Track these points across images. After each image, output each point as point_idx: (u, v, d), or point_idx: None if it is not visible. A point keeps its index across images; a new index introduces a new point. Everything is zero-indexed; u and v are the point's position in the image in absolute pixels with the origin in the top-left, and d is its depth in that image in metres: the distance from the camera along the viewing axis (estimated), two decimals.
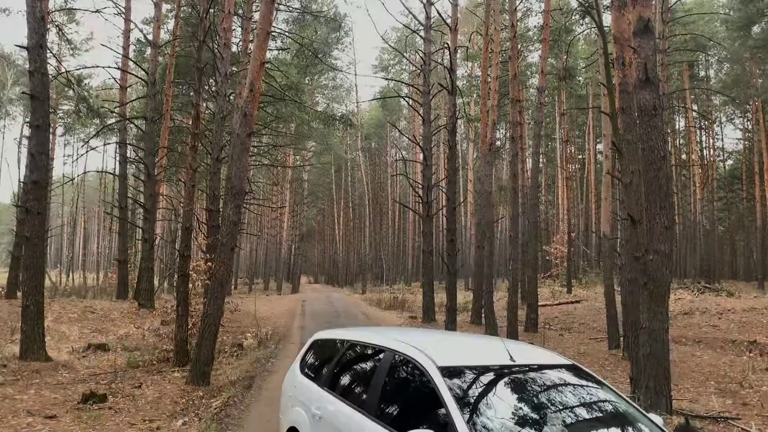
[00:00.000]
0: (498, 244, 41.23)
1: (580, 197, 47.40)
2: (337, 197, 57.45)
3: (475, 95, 38.04)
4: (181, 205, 16.17)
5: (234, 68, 22.94)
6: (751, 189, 40.53)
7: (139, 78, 24.50)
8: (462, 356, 4.47)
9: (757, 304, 22.81)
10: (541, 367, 4.48)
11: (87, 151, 30.49)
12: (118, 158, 26.10)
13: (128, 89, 26.35)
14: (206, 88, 23.85)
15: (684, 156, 44.26)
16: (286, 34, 23.09)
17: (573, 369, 4.55)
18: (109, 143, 30.64)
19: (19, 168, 34.40)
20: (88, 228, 67.32)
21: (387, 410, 4.35)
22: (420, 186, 21.91)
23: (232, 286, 40.48)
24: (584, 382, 4.38)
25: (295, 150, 43.57)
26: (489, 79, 19.83)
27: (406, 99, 25.78)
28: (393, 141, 53.65)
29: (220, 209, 18.30)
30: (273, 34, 24.94)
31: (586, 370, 4.59)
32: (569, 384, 4.34)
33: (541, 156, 23.69)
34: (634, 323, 9.46)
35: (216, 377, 11.60)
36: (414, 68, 35.24)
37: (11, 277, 22.15)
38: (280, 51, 26.88)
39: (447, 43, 18.09)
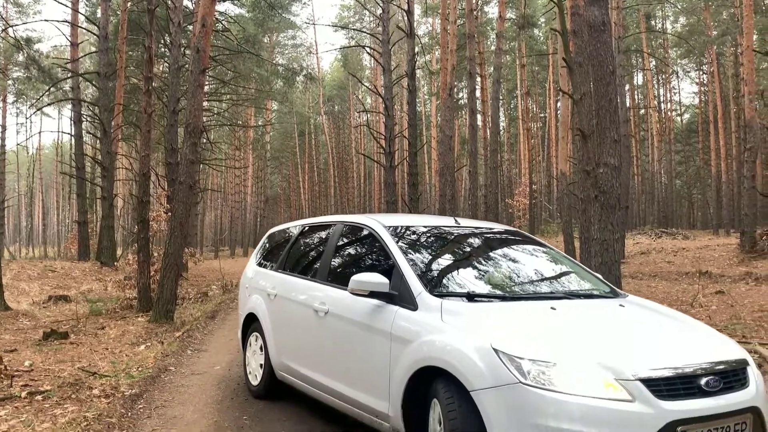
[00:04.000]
0: (463, 201, 41.61)
1: (543, 156, 47.96)
2: (302, 162, 57.05)
3: (436, 53, 38.00)
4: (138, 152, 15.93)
5: (190, 27, 22.45)
6: (706, 141, 41.53)
7: (91, 33, 23.80)
8: (409, 221, 4.60)
9: (711, 243, 23.64)
10: (484, 229, 4.63)
11: (38, 110, 29.57)
12: (72, 116, 25.42)
13: (80, 47, 25.56)
14: (160, 42, 23.32)
15: (642, 111, 45.00)
16: None
17: (518, 234, 4.70)
18: (62, 100, 29.69)
19: None
20: (47, 201, 65.77)
21: (337, 273, 4.47)
22: (383, 137, 21.92)
23: (198, 252, 40.12)
24: (527, 242, 4.54)
25: (257, 111, 42.97)
26: (448, 27, 19.81)
27: (366, 48, 25.62)
28: (357, 100, 53.27)
29: (180, 162, 18.09)
30: None
31: (532, 236, 4.76)
32: (512, 242, 4.50)
33: (500, 103, 23.84)
34: (588, 239, 9.75)
35: (180, 318, 11.63)
36: (373, 19, 34.95)
37: None
38: (236, 3, 26.32)
39: None
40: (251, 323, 5.60)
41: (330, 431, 4.54)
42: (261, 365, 5.33)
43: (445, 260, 4.08)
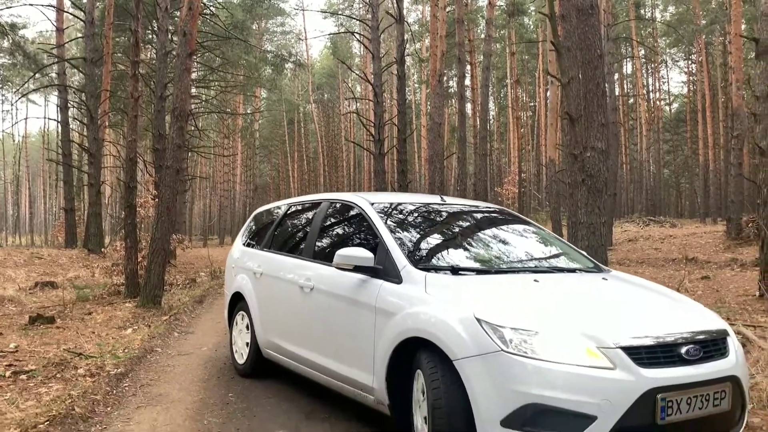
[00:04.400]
0: (452, 189, 41.69)
1: (532, 145, 48.03)
2: (291, 151, 56.84)
3: (426, 41, 37.93)
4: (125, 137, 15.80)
5: (177, 12, 22.25)
6: (695, 131, 41.77)
7: (78, 18, 23.52)
8: (395, 198, 4.61)
9: (698, 230, 23.83)
10: (470, 207, 4.65)
11: (23, 96, 29.23)
12: (59, 103, 25.17)
13: (66, 33, 25.25)
14: (147, 28, 23.11)
15: (631, 101, 45.12)
16: None
17: (503, 212, 4.72)
18: (48, 86, 29.38)
19: None
20: (33, 189, 65.20)
21: (322, 249, 4.47)
22: (372, 124, 21.86)
23: (187, 238, 39.98)
24: (512, 219, 4.55)
25: (246, 98, 42.70)
26: (438, 13, 19.75)
27: (356, 35, 25.56)
28: (346, 89, 53.06)
29: (167, 147, 17.97)
30: None
31: (517, 214, 4.78)
32: (497, 219, 4.51)
33: (490, 91, 23.82)
34: (575, 223, 9.79)
35: (168, 303, 11.60)
36: (363, 5, 34.84)
37: None
38: None
39: None
40: (237, 302, 5.61)
41: (315, 408, 4.56)
42: (247, 344, 5.34)
43: (430, 236, 4.10)
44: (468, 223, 4.36)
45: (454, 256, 3.80)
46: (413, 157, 46.85)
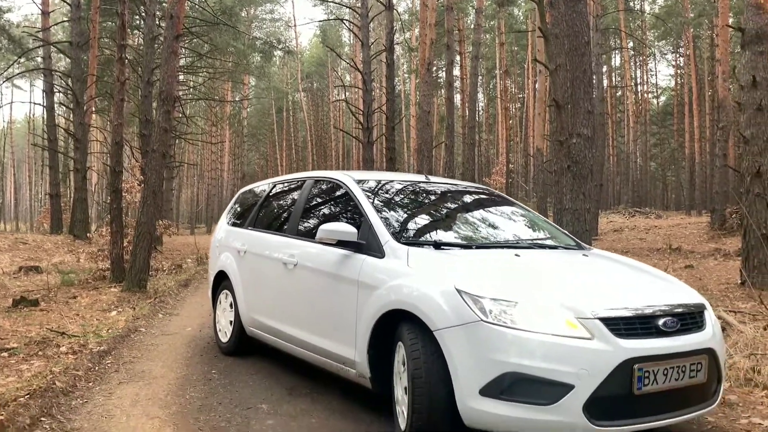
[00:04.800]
0: None
1: (520, 137, 48.14)
2: (279, 139, 56.60)
3: (416, 31, 37.85)
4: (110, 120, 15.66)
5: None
6: (681, 124, 42.03)
7: (63, 1, 23.24)
8: (380, 176, 4.61)
9: (683, 222, 24.06)
10: (454, 186, 4.67)
11: (7, 80, 28.89)
12: (44, 87, 24.90)
13: (51, 17, 24.94)
14: (135, 14, 22.88)
15: (619, 93, 45.30)
16: None
17: (487, 191, 4.74)
18: (33, 70, 29.04)
19: None
20: (19, 176, 64.54)
21: (307, 227, 4.48)
22: (361, 113, 21.81)
23: (174, 224, 39.74)
24: (495, 197, 4.58)
25: (234, 86, 42.42)
26: (428, 1, 19.70)
27: (345, 22, 25.48)
28: (336, 77, 52.82)
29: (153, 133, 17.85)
30: None
31: (500, 193, 4.80)
32: (481, 198, 4.53)
33: (479, 81, 23.83)
34: (560, 210, 9.85)
35: (154, 287, 11.55)
36: None
37: None
38: None
39: None
40: (221, 281, 5.60)
41: (297, 383, 4.59)
42: (231, 322, 5.35)
43: (414, 212, 4.12)
44: (452, 200, 4.40)
45: (437, 232, 3.83)
46: (402, 146, 46.84)
